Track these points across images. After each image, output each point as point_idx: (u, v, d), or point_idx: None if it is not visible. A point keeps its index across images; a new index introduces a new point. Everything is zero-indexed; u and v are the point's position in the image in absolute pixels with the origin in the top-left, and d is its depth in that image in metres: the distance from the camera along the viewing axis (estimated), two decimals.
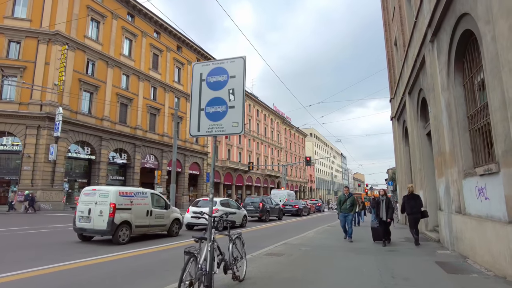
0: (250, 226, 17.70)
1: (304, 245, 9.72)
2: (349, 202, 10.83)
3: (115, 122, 33.45)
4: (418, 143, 12.57)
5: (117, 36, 34.34)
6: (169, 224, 12.10)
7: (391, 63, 19.12)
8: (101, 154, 31.84)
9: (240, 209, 16.70)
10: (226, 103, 4.91)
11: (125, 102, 34.98)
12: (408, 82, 12.82)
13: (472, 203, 6.92)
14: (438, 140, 9.09)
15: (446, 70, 8.02)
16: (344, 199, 10.92)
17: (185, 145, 42.91)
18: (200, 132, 5.01)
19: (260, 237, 12.91)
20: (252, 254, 8.05)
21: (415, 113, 12.87)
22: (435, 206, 11.33)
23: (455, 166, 7.78)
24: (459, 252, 7.70)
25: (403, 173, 17.75)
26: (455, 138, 7.72)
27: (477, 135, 7.03)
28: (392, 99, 19.33)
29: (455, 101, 7.69)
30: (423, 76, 10.87)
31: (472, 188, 6.84)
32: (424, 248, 9.16)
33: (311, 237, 11.91)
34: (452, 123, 7.83)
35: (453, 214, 8.17)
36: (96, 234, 10.01)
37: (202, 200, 15.47)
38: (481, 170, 6.16)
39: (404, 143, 17.04)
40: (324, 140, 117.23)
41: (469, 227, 6.93)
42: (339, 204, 11.07)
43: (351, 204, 10.84)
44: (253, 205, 20.71)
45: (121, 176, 35.64)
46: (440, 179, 9.09)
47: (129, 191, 10.67)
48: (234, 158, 54.93)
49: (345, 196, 11.00)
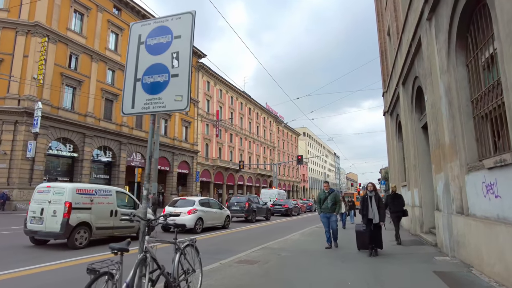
0: (234, 227, 16.56)
1: (285, 250, 8.61)
2: (331, 200, 9.02)
3: (100, 119, 32.09)
4: (413, 137, 11.52)
5: (102, 30, 32.95)
6: (138, 225, 10.90)
7: (384, 55, 18.11)
8: (84, 151, 30.46)
9: (222, 209, 15.53)
10: (168, 70, 3.76)
11: (111, 98, 33.61)
12: (402, 71, 11.77)
13: (477, 202, 5.85)
14: (436, 130, 8.03)
15: (446, 49, 6.96)
16: (324, 197, 9.12)
17: (174, 143, 41.65)
18: (135, 109, 3.86)
19: (240, 240, 11.77)
20: (221, 262, 6.92)
21: (409, 104, 11.82)
22: (431, 206, 10.28)
23: (456, 160, 6.72)
24: (461, 259, 6.64)
25: (396, 171, 16.73)
26: (456, 127, 6.66)
27: (483, 122, 5.97)
28: (385, 92, 18.32)
29: (456, 84, 6.63)
30: (419, 61, 9.81)
31: (477, 185, 5.77)
32: (419, 253, 8.09)
33: (295, 240, 10.80)
34: (453, 110, 6.77)
35: (453, 215, 7.10)
36: (48, 237, 8.79)
37: (180, 200, 14.28)
38: (491, 162, 5.09)
39: (398, 138, 16.02)
40: (317, 139, 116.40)
41: (473, 230, 5.86)
42: (319, 203, 9.27)
43: (333, 202, 9.03)
44: (239, 205, 19.53)
45: (106, 174, 34.29)
46: (438, 175, 8.02)
47: (89, 188, 9.46)
48: (225, 157, 53.72)
49: (325, 193, 9.18)
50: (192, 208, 13.20)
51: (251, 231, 15.18)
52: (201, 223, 13.42)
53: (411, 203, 12.45)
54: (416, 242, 9.95)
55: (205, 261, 7.40)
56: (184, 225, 12.87)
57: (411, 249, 8.81)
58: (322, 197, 9.20)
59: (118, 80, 34.29)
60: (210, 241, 11.34)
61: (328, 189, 9.28)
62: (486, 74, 5.75)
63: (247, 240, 11.76)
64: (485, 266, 5.43)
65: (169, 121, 41.24)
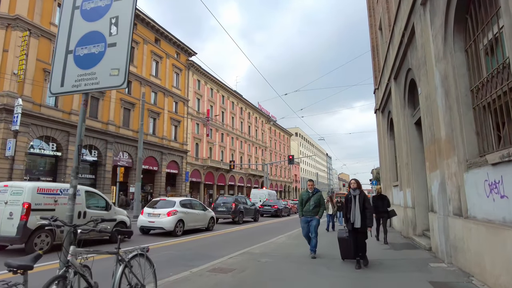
0: (219, 229, 15.79)
1: (266, 255, 7.87)
2: (314, 202, 7.79)
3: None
4: (405, 134, 10.88)
5: None
6: (111, 228, 10.09)
7: (375, 50, 17.50)
8: (69, 150, 29.32)
9: (205, 210, 14.73)
10: (105, 39, 3.00)
11: (97, 96, 32.48)
12: (394, 64, 11.14)
13: (478, 203, 5.18)
14: (430, 124, 7.37)
15: (442, 34, 6.29)
16: (307, 198, 7.90)
17: (162, 142, 40.65)
18: (64, 88, 3.10)
19: (222, 243, 11.01)
20: (192, 271, 6.14)
21: (401, 99, 11.18)
22: (425, 207, 9.64)
23: (453, 156, 6.05)
24: (459, 267, 5.97)
25: (387, 170, 16.12)
26: (454, 119, 5.99)
27: (484, 113, 5.31)
28: (376, 89, 17.71)
29: (454, 71, 5.96)
30: (412, 52, 9.17)
31: (479, 183, 5.11)
32: (412, 259, 7.41)
33: (281, 243, 10.08)
34: (450, 101, 6.10)
35: (450, 217, 6.44)
36: (4, 242, 7.93)
37: (161, 200, 13.44)
38: (496, 157, 4.41)
39: (389, 136, 15.40)
40: (309, 140, 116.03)
41: (474, 235, 5.19)
42: (301, 204, 8.02)
43: (316, 204, 7.80)
44: (225, 206, 18.70)
45: (92, 174, 33.19)
46: (433, 173, 7.34)
47: (53, 187, 8.62)
48: (216, 157, 52.83)
49: (308, 194, 7.98)
50: (172, 209, 12.38)
51: (236, 233, 14.42)
52: (182, 226, 12.62)
53: (403, 203, 11.81)
54: (408, 246, 9.29)
55: (176, 269, 6.65)
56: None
57: (403, 253, 8.14)
58: (305, 198, 7.96)
59: None
60: (189, 245, 10.57)
61: (313, 188, 8.00)
62: (489, 59, 5.09)
63: (230, 243, 11.01)
64: (488, 276, 4.75)
65: (157, 120, 40.25)
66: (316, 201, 7.86)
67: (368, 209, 6.63)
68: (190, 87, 46.91)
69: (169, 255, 8.53)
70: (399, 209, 12.67)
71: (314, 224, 7.80)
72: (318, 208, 7.85)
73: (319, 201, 7.88)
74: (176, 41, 44.27)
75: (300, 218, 8.04)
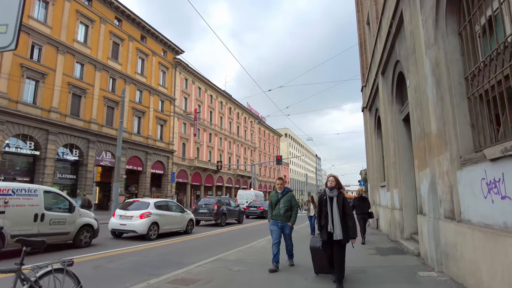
0: (200, 231, 14.99)
1: (241, 262, 7.13)
2: (284, 204, 6.53)
3: (66, 115, 29.78)
4: (393, 132, 10.27)
5: (70, 20, 30.64)
6: (75, 231, 9.24)
7: (363, 46, 16.95)
8: (48, 149, 28.11)
9: (184, 212, 13.90)
10: None
11: (78, 93, 31.33)
12: (382, 57, 10.53)
13: (474, 205, 4.53)
14: (420, 119, 6.72)
15: (433, 17, 5.65)
16: (276, 200, 6.63)
17: (148, 142, 39.60)
18: None
19: (197, 248, 10.22)
20: (149, 282, 5.37)
21: (389, 95, 10.57)
22: (413, 209, 9.03)
23: (445, 152, 5.41)
24: (451, 277, 5.31)
25: (374, 171, 15.54)
26: (446, 111, 5.35)
27: (480, 103, 4.68)
28: (364, 87, 17.15)
29: (446, 57, 5.32)
30: (400, 42, 8.55)
31: (474, 182, 4.46)
32: (399, 266, 6.75)
33: (260, 248, 9.34)
34: (442, 91, 5.46)
35: (441, 220, 5.79)
36: None
37: (134, 202, 12.56)
38: (496, 152, 3.76)
39: (377, 135, 14.82)
40: (299, 141, 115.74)
41: (469, 241, 4.53)
42: (270, 207, 6.75)
43: (287, 207, 6.54)
44: (207, 207, 17.86)
45: (73, 174, 31.96)
46: (423, 172, 6.70)
47: (4, 187, 7.72)
48: (204, 157, 51.88)
49: (277, 195, 6.70)
50: (145, 211, 11.54)
51: (216, 236, 13.64)
52: (156, 229, 11.78)
53: (390, 205, 11.21)
54: (395, 251, 8.65)
55: (136, 279, 5.86)
56: (135, 231, 11.24)
57: (390, 260, 7.48)
58: (274, 200, 6.69)
59: (87, 74, 32.18)
60: (161, 250, 9.75)
61: (282, 188, 6.72)
62: (487, 41, 4.45)
63: (206, 248, 10.23)
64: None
65: (142, 119, 39.18)
66: (287, 203, 6.57)
67: (348, 216, 5.10)
68: (177, 85, 45.94)
69: (134, 262, 7.73)
70: (386, 211, 12.07)
71: (288, 232, 6.64)
72: (290, 212, 6.58)
73: (290, 203, 6.60)
74: (162, 39, 43.30)
75: (269, 222, 6.73)
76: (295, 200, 6.75)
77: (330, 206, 5.12)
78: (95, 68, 33.02)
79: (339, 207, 5.07)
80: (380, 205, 14.51)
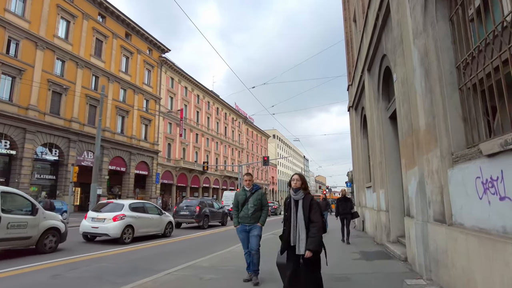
0: (179, 234, 14.32)
1: (214, 270, 6.54)
2: (254, 203, 5.58)
3: (45, 113, 28.68)
4: (379, 130, 9.84)
5: (50, 15, 29.57)
6: (38, 236, 8.50)
7: (350, 44, 16.59)
8: (25, 149, 26.99)
9: (162, 214, 13.22)
10: None
11: (59, 91, 30.23)
12: (368, 52, 10.11)
13: (467, 207, 4.07)
14: (407, 113, 6.27)
15: (422, 3, 5.20)
16: (244, 199, 5.67)
17: (131, 142, 38.61)
18: None
19: (172, 253, 9.55)
20: None
21: (375, 91, 10.15)
22: (400, 210, 8.61)
23: (435, 149, 4.95)
24: (441, 285, 4.83)
25: (360, 171, 15.15)
26: (436, 104, 4.89)
27: (474, 94, 4.22)
28: (350, 86, 16.79)
29: (436, 45, 4.87)
30: (387, 35, 8.12)
31: (468, 181, 4.00)
32: (385, 273, 6.27)
33: (238, 253, 8.70)
34: (431, 82, 5.01)
35: (430, 223, 5.33)
36: None
37: (108, 203, 11.85)
38: (495, 146, 3.29)
39: (362, 135, 14.43)
40: (287, 142, 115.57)
41: (461, 247, 4.06)
42: (236, 208, 5.80)
43: (257, 206, 5.60)
44: (188, 209, 17.17)
45: (52, 175, 30.83)
46: (411, 171, 6.24)
47: None
48: (190, 158, 51.01)
49: (245, 193, 5.73)
50: (119, 213, 10.83)
51: (195, 240, 13.00)
52: (131, 232, 11.09)
53: (376, 206, 10.78)
54: (381, 255, 8.19)
55: None
56: (107, 234, 10.54)
57: (375, 265, 6.99)
58: (241, 199, 5.70)
59: (69, 71, 31.13)
60: (133, 255, 9.08)
61: (251, 185, 5.78)
62: (481, 25, 3.99)
63: (182, 253, 9.60)
64: None
65: (126, 118, 38.18)
66: (256, 202, 5.60)
67: (314, 223, 3.93)
68: (162, 84, 45.05)
69: (100, 269, 7.06)
70: (372, 213, 11.66)
71: (255, 234, 5.54)
72: (259, 212, 5.63)
73: (260, 203, 5.64)
74: (148, 37, 42.40)
75: (236, 228, 5.74)
76: (266, 199, 5.90)
77: (295, 212, 4.07)
78: (77, 65, 32.00)
79: (304, 212, 4.02)
80: (366, 206, 14.10)
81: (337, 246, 10.01)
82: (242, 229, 5.64)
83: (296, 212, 4.06)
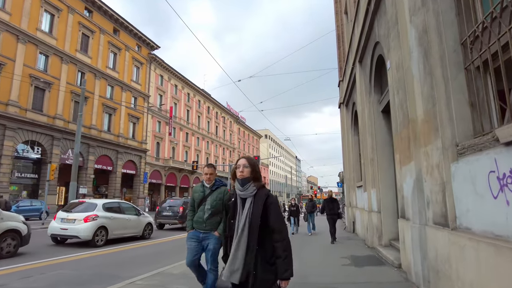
0: (159, 236, 13.49)
1: (186, 278, 5.71)
2: (212, 204, 4.18)
3: (26, 109, 27.52)
4: (370, 125, 9.16)
5: (33, 7, 28.43)
6: None
7: (341, 38, 15.96)
8: (4, 146, 25.81)
9: (140, 215, 12.38)
10: None
11: (42, 86, 29.09)
12: (360, 41, 9.43)
13: (475, 208, 3.37)
14: (403, 102, 5.57)
15: None
16: (202, 197, 4.25)
17: (118, 140, 37.53)
18: None
19: (146, 257, 8.74)
20: None
21: (367, 84, 9.47)
22: (393, 211, 7.92)
23: (435, 140, 4.25)
24: None
25: (351, 170, 14.48)
26: (437, 88, 4.19)
27: (484, 74, 3.53)
28: (341, 81, 16.14)
29: (438, 19, 4.17)
30: (379, 20, 7.44)
31: (477, 177, 3.30)
32: (378, 282, 5.57)
33: None
34: (432, 63, 4.31)
35: (429, 226, 4.63)
36: None
37: (80, 203, 10.97)
38: None
39: (353, 132, 13.77)
40: (279, 142, 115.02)
41: (470, 256, 3.36)
42: (192, 208, 4.37)
43: (216, 209, 4.16)
44: (172, 210, 16.32)
45: (34, 173, 29.67)
46: (406, 167, 5.53)
47: None
48: (179, 157, 50.03)
49: (203, 190, 4.31)
50: (91, 214, 9.98)
51: (176, 242, 12.17)
52: (104, 234, 10.24)
53: (367, 207, 10.09)
54: (372, 260, 7.49)
55: None
56: (77, 236, 9.68)
57: (366, 273, 6.27)
58: (198, 198, 4.29)
59: (53, 66, 29.98)
60: (101, 259, 8.24)
61: (212, 180, 4.32)
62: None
63: (157, 257, 8.80)
64: None
65: (113, 116, 37.10)
66: (216, 203, 4.18)
67: (277, 233, 2.37)
68: (151, 82, 44.01)
69: (56, 277, 6.24)
70: (363, 213, 10.99)
71: (211, 247, 4.13)
72: (219, 216, 4.14)
73: (221, 204, 4.12)
74: (137, 33, 41.36)
75: (188, 233, 4.31)
76: (228, 197, 3.89)
77: (241, 213, 2.45)
78: (62, 61, 30.88)
79: (253, 217, 2.38)
80: (357, 207, 13.43)
81: (326, 249, 9.31)
82: (193, 235, 4.21)
83: (242, 213, 2.45)
